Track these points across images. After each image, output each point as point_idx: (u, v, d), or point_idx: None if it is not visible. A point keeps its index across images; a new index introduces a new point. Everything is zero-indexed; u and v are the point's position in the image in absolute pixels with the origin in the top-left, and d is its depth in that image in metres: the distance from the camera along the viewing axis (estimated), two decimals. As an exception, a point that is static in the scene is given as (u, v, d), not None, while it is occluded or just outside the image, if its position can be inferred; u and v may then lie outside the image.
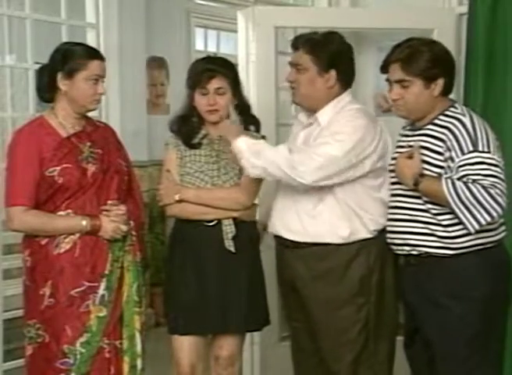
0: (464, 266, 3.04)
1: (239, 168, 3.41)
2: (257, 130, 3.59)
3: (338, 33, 3.42)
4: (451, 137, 3.00)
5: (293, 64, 3.37)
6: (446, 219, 3.03)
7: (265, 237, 3.58)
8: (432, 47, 3.13)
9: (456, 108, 3.12)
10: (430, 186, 3.00)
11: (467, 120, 3.04)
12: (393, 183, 3.23)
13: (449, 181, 2.94)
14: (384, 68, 3.20)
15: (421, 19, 4.52)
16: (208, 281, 3.41)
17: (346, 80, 3.34)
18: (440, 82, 3.09)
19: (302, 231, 3.28)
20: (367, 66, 5.19)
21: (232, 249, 3.41)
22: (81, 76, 3.12)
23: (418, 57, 3.08)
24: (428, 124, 3.11)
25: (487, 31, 4.25)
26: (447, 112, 3.09)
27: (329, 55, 3.28)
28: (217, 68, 3.48)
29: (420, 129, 3.14)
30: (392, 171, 3.23)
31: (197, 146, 3.50)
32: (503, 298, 3.13)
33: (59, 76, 3.12)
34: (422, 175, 3.02)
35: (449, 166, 3.00)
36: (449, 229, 3.03)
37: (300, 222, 3.29)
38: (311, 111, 3.39)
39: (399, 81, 3.12)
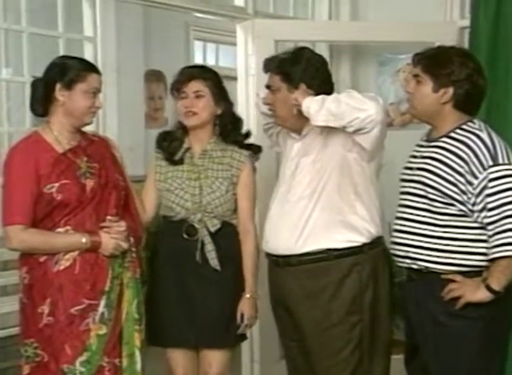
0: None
1: (227, 185, 3.45)
2: (241, 144, 3.58)
3: (307, 48, 3.48)
4: (471, 154, 3.00)
5: (267, 87, 3.42)
6: (453, 232, 3.04)
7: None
8: (466, 60, 3.13)
9: (474, 123, 3.11)
10: (502, 277, 2.98)
11: (484, 135, 3.04)
12: (402, 193, 3.23)
13: (504, 259, 2.96)
14: (413, 60, 3.22)
15: (422, 33, 4.53)
16: (191, 295, 3.43)
17: (322, 92, 3.27)
18: (450, 91, 3.09)
19: (293, 246, 3.28)
20: (368, 78, 5.22)
21: (218, 268, 3.42)
22: (80, 88, 3.12)
23: (442, 60, 3.11)
24: (443, 137, 3.11)
25: (489, 45, 4.27)
26: (464, 126, 3.09)
27: (296, 70, 3.30)
28: (194, 71, 3.54)
29: (435, 141, 3.14)
30: (402, 180, 3.24)
31: (179, 162, 3.51)
32: (505, 319, 3.12)
33: (58, 86, 3.11)
34: (484, 279, 3.01)
35: (468, 190, 3.00)
36: (455, 243, 3.04)
37: (292, 237, 3.29)
38: (297, 132, 3.41)
39: (415, 75, 3.16)
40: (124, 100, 5.00)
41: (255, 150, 3.60)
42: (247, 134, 3.63)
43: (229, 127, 3.56)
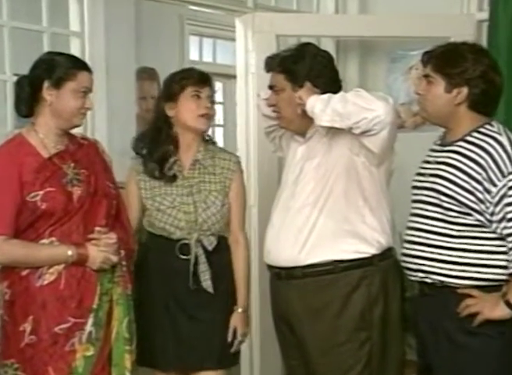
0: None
1: (222, 199, 3.47)
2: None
3: (312, 44, 3.50)
4: (489, 160, 2.98)
5: (270, 87, 3.43)
6: (470, 243, 3.03)
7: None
8: (479, 56, 3.11)
9: (492, 125, 3.09)
10: None
11: (504, 139, 3.02)
12: (414, 202, 3.22)
13: None
14: (423, 60, 3.21)
15: (436, 27, 4.54)
16: (183, 315, 3.44)
17: (329, 90, 3.28)
18: (464, 91, 3.07)
19: (297, 257, 3.28)
20: (377, 77, 5.22)
21: (211, 290, 3.43)
22: (70, 86, 3.11)
23: (454, 58, 3.10)
24: (459, 140, 3.10)
25: (509, 40, 4.26)
26: (481, 129, 3.07)
27: (301, 68, 3.32)
28: (208, 77, 3.55)
29: (450, 145, 3.13)
30: (415, 187, 3.23)
31: (172, 179, 3.49)
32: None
33: (46, 85, 3.10)
34: (504, 295, 3.00)
35: (486, 199, 2.99)
36: (472, 255, 3.03)
37: (295, 247, 3.28)
38: (301, 134, 3.42)
39: (426, 76, 3.15)
40: (114, 100, 4.97)
41: None
42: None
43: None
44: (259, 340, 4.39)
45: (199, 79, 3.49)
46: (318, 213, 3.26)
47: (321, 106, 3.15)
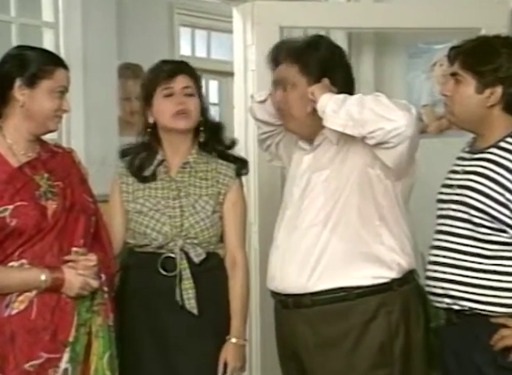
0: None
1: (213, 204, 3.47)
2: (223, 156, 3.61)
3: (325, 37, 3.52)
4: None
5: (277, 82, 3.40)
6: (505, 265, 3.03)
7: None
8: None
9: None
10: None
11: None
12: (439, 217, 3.23)
13: None
14: (449, 56, 3.21)
15: (464, 17, 4.57)
16: (168, 346, 3.41)
17: (345, 90, 3.29)
18: (498, 91, 3.08)
19: (305, 283, 3.26)
20: (395, 74, 5.23)
21: (195, 311, 3.40)
22: (46, 85, 3.11)
23: (486, 53, 3.10)
24: (491, 147, 3.10)
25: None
26: None
27: (319, 61, 3.31)
28: (180, 65, 3.57)
29: (481, 152, 3.13)
30: (440, 201, 3.23)
31: (151, 178, 3.51)
32: None
33: (17, 83, 3.09)
34: None
35: None
36: (507, 278, 3.03)
37: (303, 272, 3.27)
38: (308, 140, 3.41)
39: (453, 74, 3.16)
40: (93, 101, 4.98)
41: (239, 165, 3.62)
42: (232, 144, 3.66)
43: (208, 134, 3.59)
44: (260, 376, 4.37)
45: (168, 74, 3.49)
46: (329, 233, 3.24)
47: (334, 106, 3.13)
